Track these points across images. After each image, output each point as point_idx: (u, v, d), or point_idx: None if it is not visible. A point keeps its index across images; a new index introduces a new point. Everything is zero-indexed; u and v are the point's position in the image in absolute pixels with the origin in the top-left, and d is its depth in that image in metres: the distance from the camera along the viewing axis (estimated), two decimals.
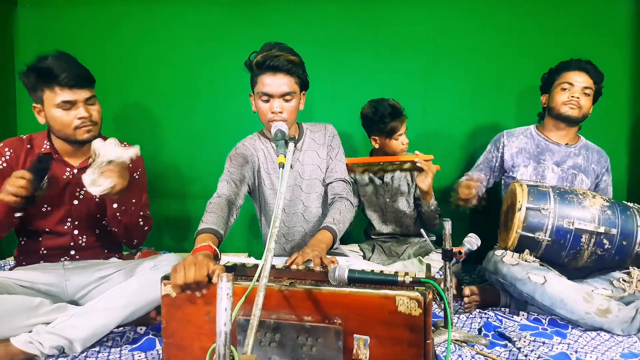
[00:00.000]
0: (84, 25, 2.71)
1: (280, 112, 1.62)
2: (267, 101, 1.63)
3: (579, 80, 1.99)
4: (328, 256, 1.41)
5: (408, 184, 2.31)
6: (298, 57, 1.65)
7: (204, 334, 1.13)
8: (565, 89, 2.01)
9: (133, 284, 1.51)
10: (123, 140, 1.81)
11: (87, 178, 1.40)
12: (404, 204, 2.31)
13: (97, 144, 1.43)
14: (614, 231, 1.67)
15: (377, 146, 2.29)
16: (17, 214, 1.48)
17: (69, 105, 1.53)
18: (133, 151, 1.45)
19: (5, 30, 2.70)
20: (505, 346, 1.50)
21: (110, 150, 1.41)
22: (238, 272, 1.31)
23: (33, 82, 1.53)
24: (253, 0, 2.66)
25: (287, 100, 1.63)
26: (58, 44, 2.62)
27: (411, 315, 1.01)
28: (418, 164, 2.03)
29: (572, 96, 1.99)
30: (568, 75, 2.02)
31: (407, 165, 2.11)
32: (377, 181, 2.32)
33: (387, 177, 2.31)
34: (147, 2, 2.69)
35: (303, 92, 1.74)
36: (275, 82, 1.60)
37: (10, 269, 1.67)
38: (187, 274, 1.07)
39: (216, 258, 1.28)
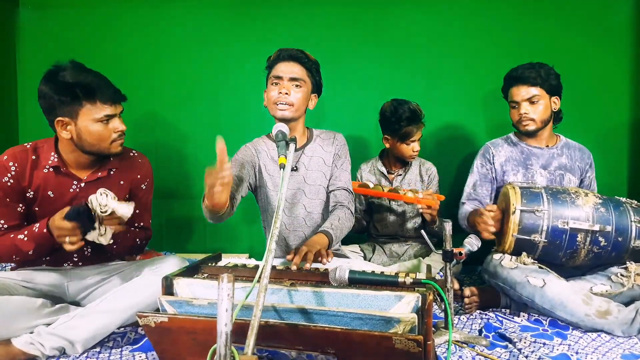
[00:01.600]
0: (85, 27, 2.72)
1: (286, 94, 1.68)
2: (276, 84, 1.70)
3: (521, 95, 1.98)
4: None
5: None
6: (313, 57, 1.78)
7: (195, 352, 1.12)
8: (514, 107, 2.04)
9: (134, 285, 1.51)
10: (125, 143, 1.81)
11: (93, 236, 1.47)
12: (409, 209, 2.31)
13: (95, 200, 1.45)
14: (608, 228, 1.67)
15: (387, 146, 2.29)
16: None
17: (109, 119, 1.55)
18: (129, 209, 1.49)
19: (6, 31, 2.70)
20: (505, 347, 1.50)
21: (112, 204, 1.46)
22: (239, 273, 1.32)
23: (73, 95, 1.49)
24: (255, 2, 2.67)
25: (296, 86, 1.71)
26: (60, 46, 2.65)
27: (410, 351, 0.98)
28: (420, 210, 2.11)
29: (520, 114, 1.99)
30: (511, 92, 2.03)
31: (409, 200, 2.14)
32: (384, 184, 2.31)
33: (396, 182, 2.31)
34: (149, 5, 2.70)
35: (315, 94, 1.82)
36: (287, 67, 1.71)
37: (12, 270, 1.67)
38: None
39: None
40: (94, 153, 1.58)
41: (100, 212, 1.44)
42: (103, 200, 1.44)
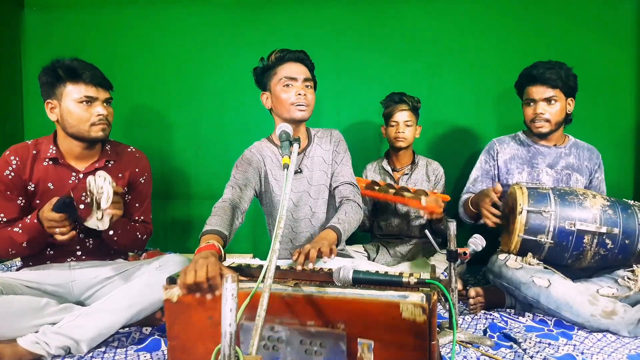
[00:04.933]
0: (90, 28, 2.73)
1: (304, 95, 1.68)
2: (289, 86, 1.69)
3: (539, 93, 1.95)
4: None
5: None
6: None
7: (207, 335, 1.13)
8: (529, 105, 2.00)
9: (138, 285, 1.51)
10: (129, 143, 1.82)
11: (92, 222, 1.50)
12: (415, 209, 2.30)
13: (94, 182, 1.47)
14: (616, 230, 1.65)
15: (383, 134, 2.34)
16: None
17: (90, 101, 1.59)
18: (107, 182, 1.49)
19: (12, 33, 2.72)
20: (510, 347, 1.49)
21: (107, 188, 1.47)
22: (243, 273, 1.32)
23: (57, 76, 1.56)
24: (258, 2, 2.67)
25: (308, 87, 1.72)
26: (64, 47, 2.66)
27: (415, 321, 1.00)
28: (424, 214, 2.12)
29: (536, 113, 1.96)
30: (529, 90, 1.99)
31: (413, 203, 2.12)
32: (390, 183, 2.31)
33: (402, 181, 2.30)
34: (153, 6, 2.71)
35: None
36: (298, 69, 1.71)
37: (17, 270, 1.68)
38: (198, 273, 1.09)
39: (220, 259, 1.28)
40: (75, 136, 1.62)
41: (97, 193, 1.46)
42: (100, 183, 1.46)
